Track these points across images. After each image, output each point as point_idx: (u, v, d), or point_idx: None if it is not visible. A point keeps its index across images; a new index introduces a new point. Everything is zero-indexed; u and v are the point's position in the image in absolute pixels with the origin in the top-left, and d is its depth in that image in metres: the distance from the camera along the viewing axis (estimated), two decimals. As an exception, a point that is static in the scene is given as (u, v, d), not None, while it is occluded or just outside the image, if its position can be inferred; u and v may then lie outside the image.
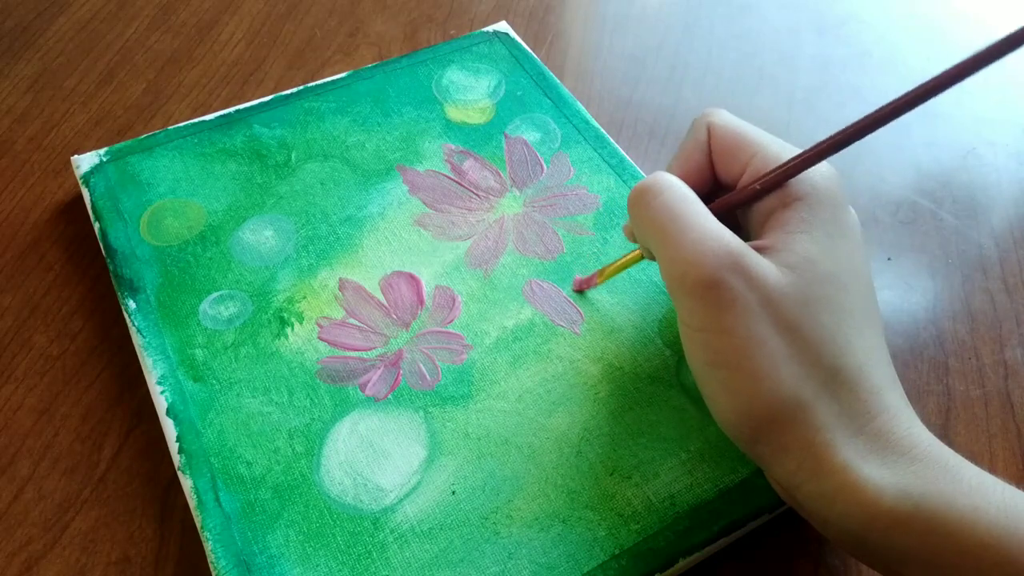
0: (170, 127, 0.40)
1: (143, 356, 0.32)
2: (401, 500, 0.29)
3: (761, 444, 0.24)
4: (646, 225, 0.26)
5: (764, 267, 0.24)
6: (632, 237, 0.30)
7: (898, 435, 0.23)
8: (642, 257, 0.31)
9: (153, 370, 0.31)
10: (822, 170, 0.26)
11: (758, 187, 0.26)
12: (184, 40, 0.48)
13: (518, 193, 0.38)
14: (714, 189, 0.29)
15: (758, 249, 0.25)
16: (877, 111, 0.24)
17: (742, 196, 0.27)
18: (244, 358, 0.32)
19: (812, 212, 0.25)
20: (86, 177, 0.38)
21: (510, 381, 0.32)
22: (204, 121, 0.40)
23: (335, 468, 0.29)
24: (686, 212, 0.25)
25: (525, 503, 0.29)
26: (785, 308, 0.23)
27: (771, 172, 0.26)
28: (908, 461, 0.23)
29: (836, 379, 0.23)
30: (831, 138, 0.25)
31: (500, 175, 0.38)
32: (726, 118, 0.29)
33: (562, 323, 0.33)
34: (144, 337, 0.32)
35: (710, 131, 0.28)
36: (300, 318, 0.33)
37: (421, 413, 0.31)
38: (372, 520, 0.28)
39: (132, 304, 0.33)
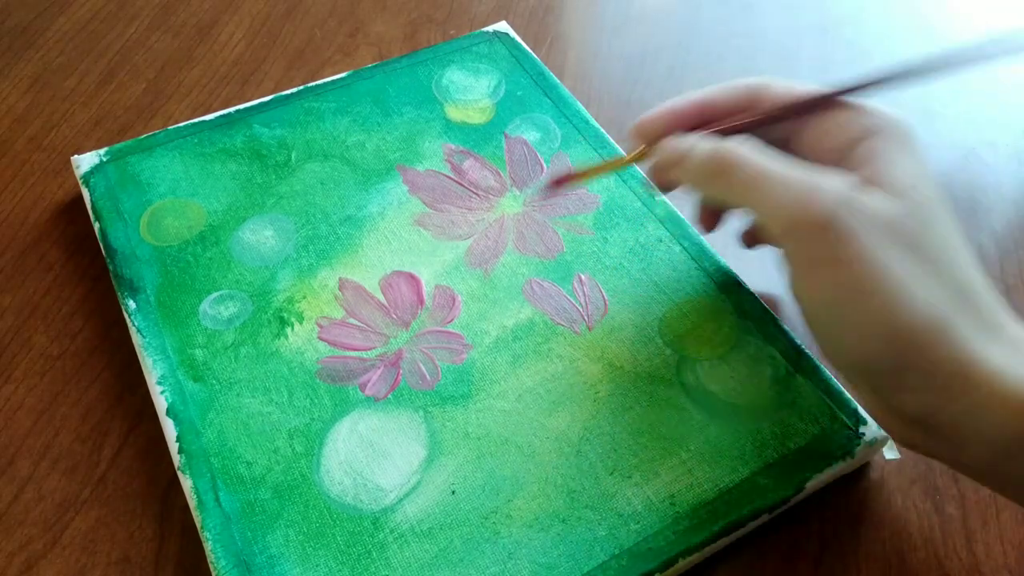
0: (170, 127, 0.40)
1: (143, 356, 0.32)
2: (401, 500, 0.29)
3: (902, 371, 0.23)
4: (739, 183, 0.26)
5: (875, 196, 0.24)
6: (649, 132, 0.30)
7: None
8: (631, 163, 0.31)
9: (153, 370, 0.31)
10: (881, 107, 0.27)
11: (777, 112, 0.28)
12: (184, 40, 0.48)
13: (518, 193, 0.38)
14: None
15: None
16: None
17: (756, 120, 0.28)
18: (244, 358, 0.32)
19: (898, 142, 0.26)
20: (86, 177, 0.38)
21: (510, 381, 0.32)
22: (204, 121, 0.40)
23: (335, 468, 0.29)
24: (776, 161, 0.25)
25: (525, 503, 0.29)
26: (907, 230, 0.24)
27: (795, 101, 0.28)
28: None
29: (968, 292, 0.24)
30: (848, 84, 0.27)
31: (500, 175, 0.38)
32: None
33: (562, 322, 0.33)
34: (144, 337, 0.32)
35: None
36: (300, 318, 0.33)
37: (421, 413, 0.31)
38: (372, 520, 0.28)
39: (132, 304, 0.33)
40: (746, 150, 0.26)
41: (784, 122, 0.28)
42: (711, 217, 0.34)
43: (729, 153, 0.27)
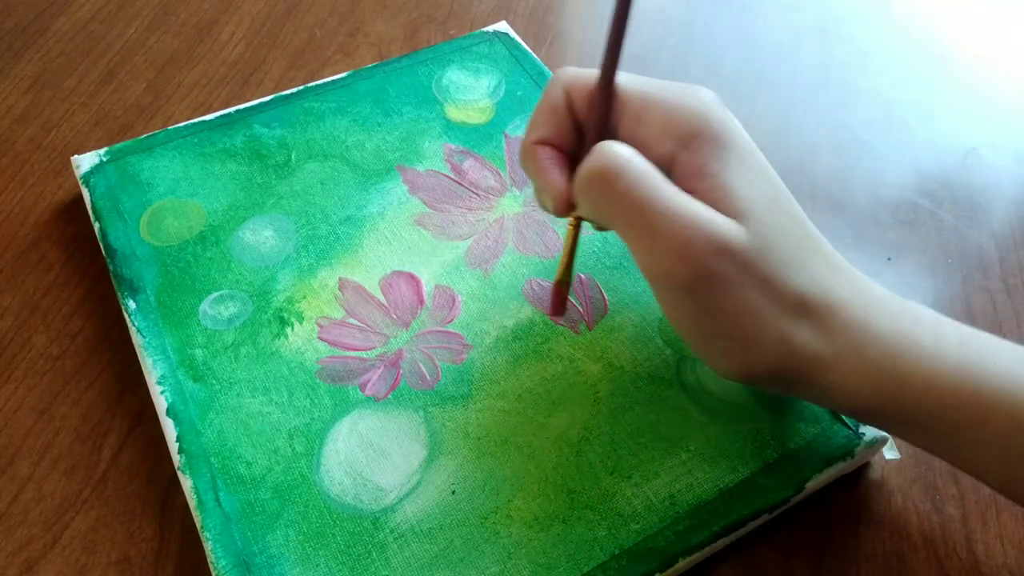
0: (170, 127, 0.40)
1: (143, 356, 0.32)
2: (401, 500, 0.29)
3: (764, 384, 0.27)
4: (611, 215, 0.25)
5: (732, 231, 0.24)
6: (561, 209, 0.27)
7: (858, 322, 0.25)
8: (576, 236, 0.29)
9: (153, 370, 0.31)
10: (698, 99, 0.26)
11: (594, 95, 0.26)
12: (184, 40, 0.48)
13: (518, 193, 0.38)
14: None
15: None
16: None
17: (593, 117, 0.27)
18: (244, 358, 0.32)
19: (716, 146, 0.25)
20: (86, 177, 0.38)
21: (510, 380, 0.32)
22: (204, 121, 0.40)
23: (335, 468, 0.29)
24: (653, 195, 0.24)
25: (525, 503, 0.29)
26: (756, 264, 0.24)
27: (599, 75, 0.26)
28: (870, 347, 0.25)
29: (804, 300, 0.25)
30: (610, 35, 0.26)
31: (500, 175, 0.38)
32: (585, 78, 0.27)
33: (562, 322, 0.33)
34: (144, 337, 0.32)
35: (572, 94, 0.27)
36: (300, 318, 0.33)
37: (421, 413, 0.31)
38: (372, 520, 0.28)
39: (132, 304, 0.33)
40: (631, 171, 0.24)
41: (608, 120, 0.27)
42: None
43: (611, 167, 0.24)
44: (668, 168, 0.25)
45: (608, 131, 0.27)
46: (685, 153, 0.25)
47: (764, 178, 0.26)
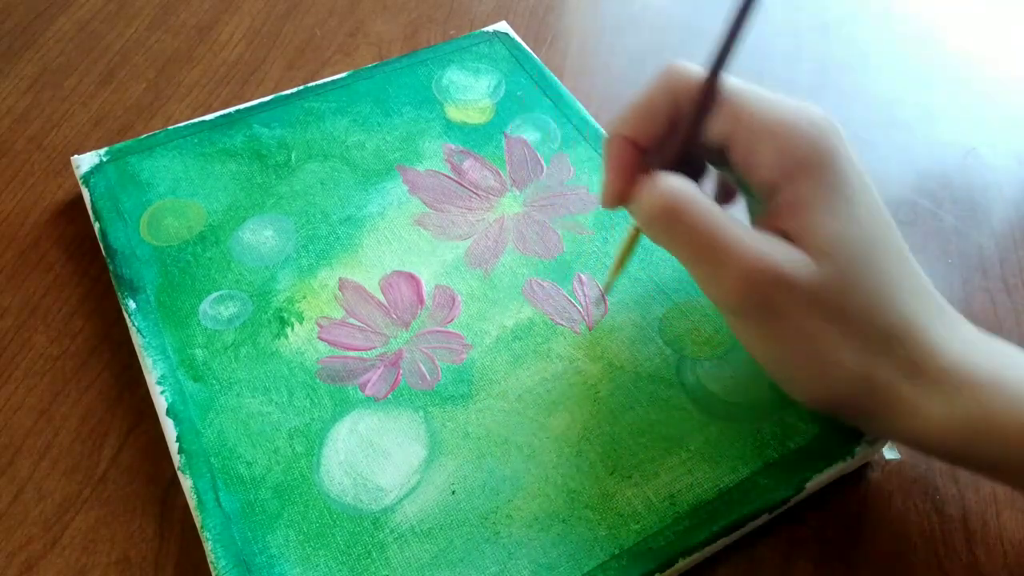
0: (170, 127, 0.40)
1: (143, 356, 0.32)
2: (401, 500, 0.29)
3: (841, 414, 0.28)
4: (676, 247, 0.26)
5: (800, 267, 0.24)
6: (608, 207, 0.28)
7: (952, 367, 0.25)
8: (633, 245, 0.30)
9: (153, 370, 0.31)
10: (811, 123, 0.25)
11: (693, 108, 0.25)
12: (184, 40, 0.48)
13: (518, 193, 0.38)
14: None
15: (785, 237, 0.25)
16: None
17: (686, 133, 0.26)
18: (244, 358, 0.32)
19: (825, 185, 0.25)
20: (86, 177, 0.38)
21: (510, 381, 0.32)
22: (204, 121, 0.40)
23: (335, 468, 0.29)
24: (715, 230, 0.24)
25: (525, 503, 0.29)
26: (829, 299, 0.24)
27: (698, 92, 0.25)
28: (964, 390, 0.25)
29: (890, 338, 0.25)
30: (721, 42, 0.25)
31: (500, 175, 0.38)
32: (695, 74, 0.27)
33: (562, 322, 0.33)
34: (144, 337, 0.32)
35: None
36: (300, 318, 0.33)
37: (421, 413, 0.31)
38: (372, 520, 0.28)
39: (132, 304, 0.33)
40: (695, 208, 0.25)
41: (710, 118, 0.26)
42: (726, 194, 0.32)
43: (675, 205, 0.25)
44: (770, 192, 0.26)
45: (701, 134, 0.26)
46: (789, 185, 0.25)
47: (866, 213, 0.25)
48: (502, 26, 0.45)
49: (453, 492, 0.29)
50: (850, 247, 0.25)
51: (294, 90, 0.42)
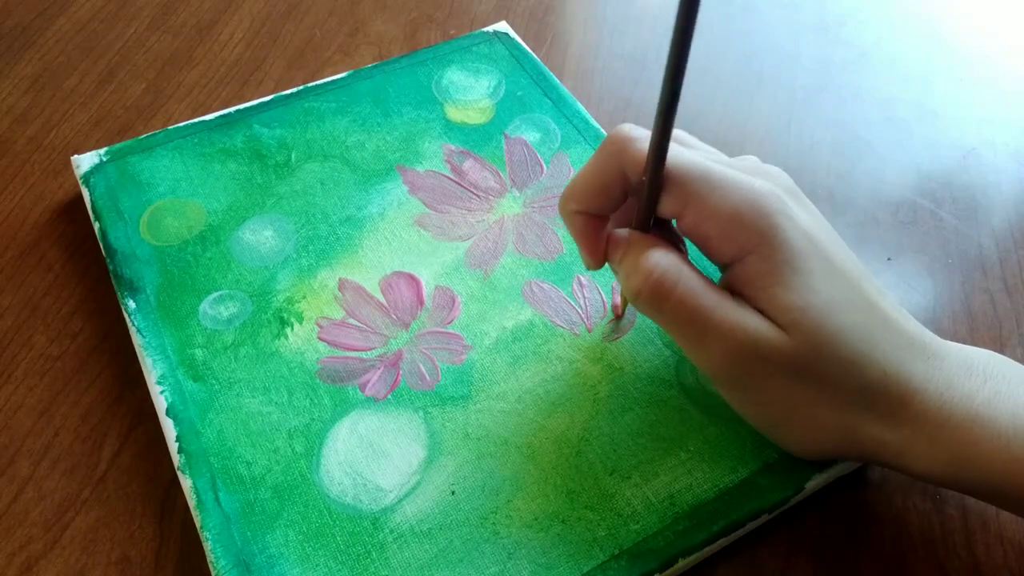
0: (170, 127, 0.40)
1: (143, 356, 0.32)
2: (400, 500, 0.29)
3: (835, 459, 0.29)
4: (664, 323, 0.27)
5: (774, 340, 0.25)
6: (594, 269, 0.29)
7: (930, 412, 0.26)
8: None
9: (153, 370, 0.31)
10: (752, 206, 0.25)
11: (643, 178, 0.26)
12: (184, 40, 0.48)
13: (518, 194, 0.38)
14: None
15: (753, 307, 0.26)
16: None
17: (643, 205, 0.27)
18: (244, 358, 0.32)
19: (767, 259, 0.25)
20: (86, 177, 0.38)
21: (510, 381, 0.32)
22: (204, 121, 0.40)
23: (335, 468, 0.29)
24: (698, 309, 0.26)
25: (525, 503, 0.29)
26: (803, 367, 0.26)
27: (646, 163, 0.26)
28: (945, 430, 0.26)
29: (869, 394, 0.26)
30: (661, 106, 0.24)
31: (500, 175, 0.38)
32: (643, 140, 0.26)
33: (562, 324, 0.33)
34: (144, 337, 0.32)
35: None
36: (300, 318, 0.33)
37: (421, 413, 0.31)
38: (371, 520, 0.28)
39: (132, 304, 0.33)
40: (684, 286, 0.26)
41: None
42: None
43: (659, 286, 0.26)
44: (727, 265, 0.26)
45: (654, 202, 0.27)
46: (739, 265, 0.26)
47: (820, 279, 0.25)
48: (502, 26, 0.45)
49: (453, 492, 0.29)
50: (811, 317, 0.25)
51: (294, 90, 0.42)
